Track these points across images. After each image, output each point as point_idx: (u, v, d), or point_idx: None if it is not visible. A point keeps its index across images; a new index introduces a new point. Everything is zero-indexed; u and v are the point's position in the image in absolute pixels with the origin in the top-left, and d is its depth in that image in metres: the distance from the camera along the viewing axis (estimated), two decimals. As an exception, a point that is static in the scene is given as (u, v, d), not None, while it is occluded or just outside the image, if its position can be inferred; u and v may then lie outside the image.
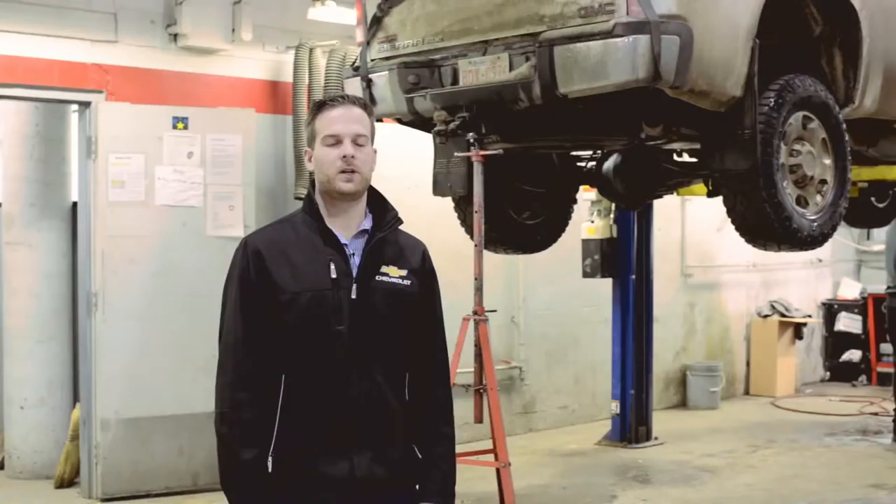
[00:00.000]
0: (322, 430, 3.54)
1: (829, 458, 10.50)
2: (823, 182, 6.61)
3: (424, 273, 3.77)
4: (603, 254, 10.66)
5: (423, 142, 7.36)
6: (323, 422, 3.54)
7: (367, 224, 3.69)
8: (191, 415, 8.70)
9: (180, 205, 8.76)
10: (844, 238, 15.35)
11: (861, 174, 8.72)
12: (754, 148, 6.02)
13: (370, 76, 6.74)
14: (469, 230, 7.44)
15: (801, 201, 6.49)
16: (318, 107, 3.67)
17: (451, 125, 6.45)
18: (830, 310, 15.53)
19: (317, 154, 3.66)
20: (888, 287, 11.05)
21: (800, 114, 6.39)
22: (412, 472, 3.72)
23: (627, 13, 5.58)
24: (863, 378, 15.09)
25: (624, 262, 10.83)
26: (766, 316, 14.32)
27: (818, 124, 6.53)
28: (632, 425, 10.89)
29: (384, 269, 3.65)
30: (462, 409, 7.75)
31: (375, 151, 3.71)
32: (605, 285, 11.16)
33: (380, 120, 7.41)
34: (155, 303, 8.72)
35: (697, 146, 6.62)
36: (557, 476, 9.58)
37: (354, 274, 3.59)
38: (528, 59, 5.92)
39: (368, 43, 6.81)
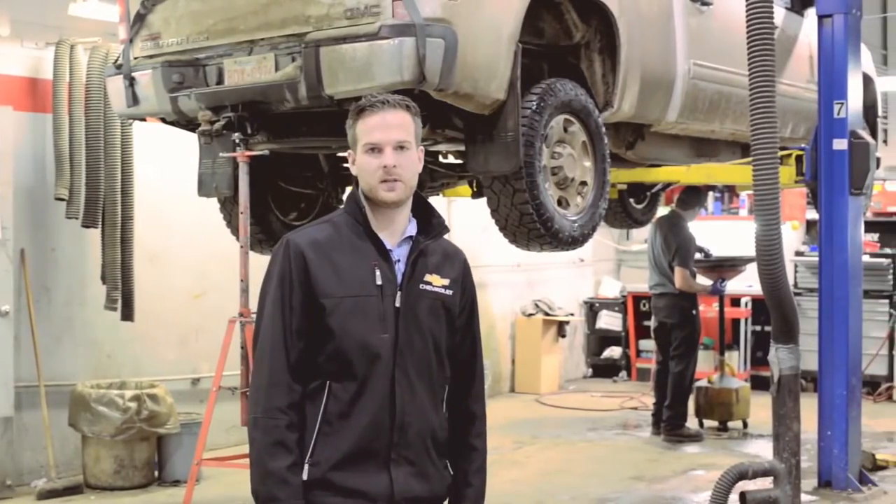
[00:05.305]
0: (363, 442, 3.42)
1: (591, 453, 10.77)
2: (584, 184, 6.75)
3: (465, 283, 3.67)
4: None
5: (189, 142, 7.25)
6: (365, 433, 3.42)
7: (412, 230, 3.57)
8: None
9: (-68, 206, 8.45)
10: (605, 238, 15.75)
11: (620, 176, 8.96)
12: (517, 150, 6.11)
13: (133, 74, 6.60)
14: (235, 231, 7.37)
15: (563, 202, 6.63)
16: (359, 111, 3.51)
17: (217, 125, 6.37)
18: (592, 308, 15.92)
19: (358, 161, 3.51)
20: (653, 285, 11.44)
21: (561, 117, 6.51)
22: (445, 488, 3.64)
23: (393, 16, 5.61)
24: (623, 374, 15.51)
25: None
26: (530, 315, 14.56)
27: (579, 127, 6.67)
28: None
29: (427, 277, 3.55)
30: (229, 412, 7.72)
31: (423, 152, 3.59)
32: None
33: (143, 119, 7.27)
34: None
35: (462, 148, 6.69)
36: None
37: (399, 281, 3.49)
38: (294, 60, 5.89)
39: (131, 40, 6.66)
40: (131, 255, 9.38)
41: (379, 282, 3.47)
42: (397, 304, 3.49)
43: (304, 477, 3.42)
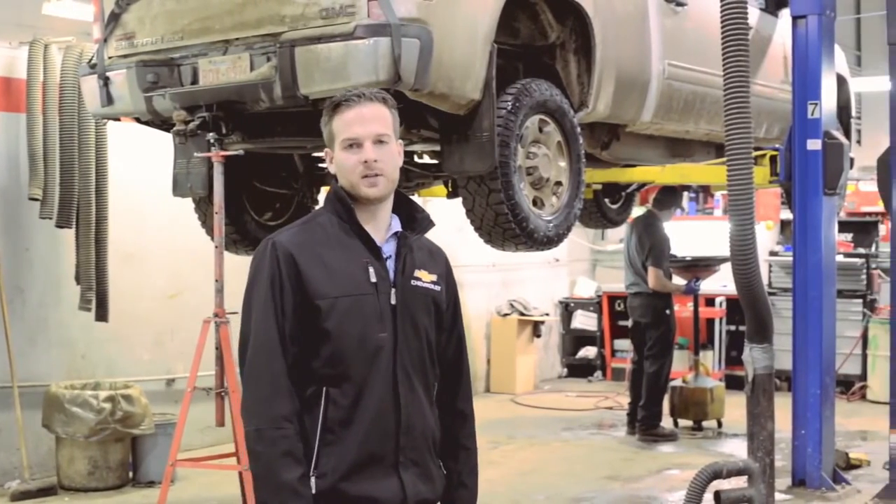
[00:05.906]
0: (369, 447, 3.34)
1: (566, 453, 10.78)
2: (559, 184, 6.76)
3: (449, 280, 3.62)
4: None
5: (163, 142, 7.23)
6: (370, 437, 3.33)
7: (397, 226, 3.49)
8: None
9: None
10: (580, 238, 15.77)
11: (595, 176, 8.97)
12: (492, 150, 6.11)
13: (107, 74, 6.58)
14: (210, 231, 7.35)
15: (538, 202, 6.63)
16: (334, 107, 3.42)
17: (191, 125, 6.35)
18: (567, 308, 15.93)
19: (337, 158, 3.42)
20: (629, 285, 11.47)
21: (536, 117, 6.52)
22: (442, 489, 3.60)
23: (368, 16, 5.60)
24: (598, 374, 15.54)
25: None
26: (505, 315, 14.57)
27: (554, 127, 6.68)
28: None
29: (417, 273, 3.48)
30: (204, 412, 7.70)
31: (401, 145, 3.52)
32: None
33: (117, 119, 7.24)
34: None
35: (438, 148, 6.69)
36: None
37: (392, 278, 3.42)
38: (269, 60, 5.89)
39: (106, 40, 6.64)
40: (106, 255, 9.35)
41: (373, 279, 3.39)
42: (393, 302, 3.42)
43: (314, 490, 3.32)
